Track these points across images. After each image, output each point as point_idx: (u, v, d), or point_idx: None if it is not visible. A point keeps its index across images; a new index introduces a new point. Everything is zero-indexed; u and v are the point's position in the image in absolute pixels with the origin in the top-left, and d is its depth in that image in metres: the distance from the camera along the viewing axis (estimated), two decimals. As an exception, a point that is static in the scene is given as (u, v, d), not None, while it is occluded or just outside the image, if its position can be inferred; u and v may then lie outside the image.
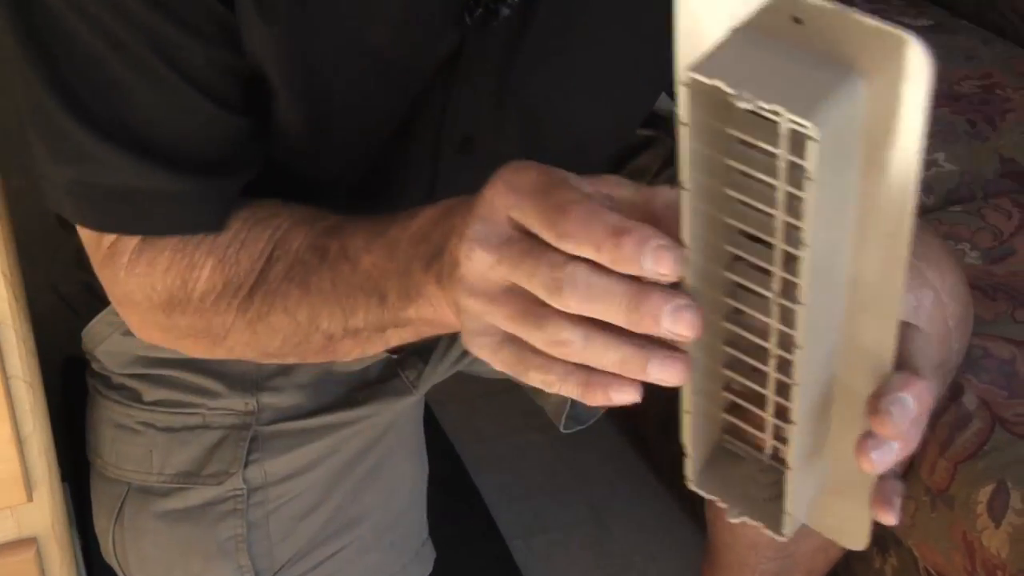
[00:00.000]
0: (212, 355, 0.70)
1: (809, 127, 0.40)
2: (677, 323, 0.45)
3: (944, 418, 0.93)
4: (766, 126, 0.41)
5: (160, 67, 0.62)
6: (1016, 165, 1.23)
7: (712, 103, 0.42)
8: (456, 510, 1.29)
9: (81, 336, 0.87)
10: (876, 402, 0.46)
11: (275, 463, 0.83)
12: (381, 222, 0.61)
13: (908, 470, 0.96)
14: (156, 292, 0.67)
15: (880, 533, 1.05)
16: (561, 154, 0.76)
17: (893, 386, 0.46)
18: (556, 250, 0.46)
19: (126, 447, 0.84)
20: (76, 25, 0.60)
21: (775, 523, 0.51)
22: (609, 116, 0.78)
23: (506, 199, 0.48)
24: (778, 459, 0.51)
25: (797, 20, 0.41)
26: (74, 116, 0.62)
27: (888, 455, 0.46)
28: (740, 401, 0.50)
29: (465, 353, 0.90)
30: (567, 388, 0.47)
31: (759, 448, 0.51)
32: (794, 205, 0.42)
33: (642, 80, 0.77)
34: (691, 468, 0.51)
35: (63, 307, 0.91)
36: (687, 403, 0.50)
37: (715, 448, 0.53)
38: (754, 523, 0.51)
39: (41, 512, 0.84)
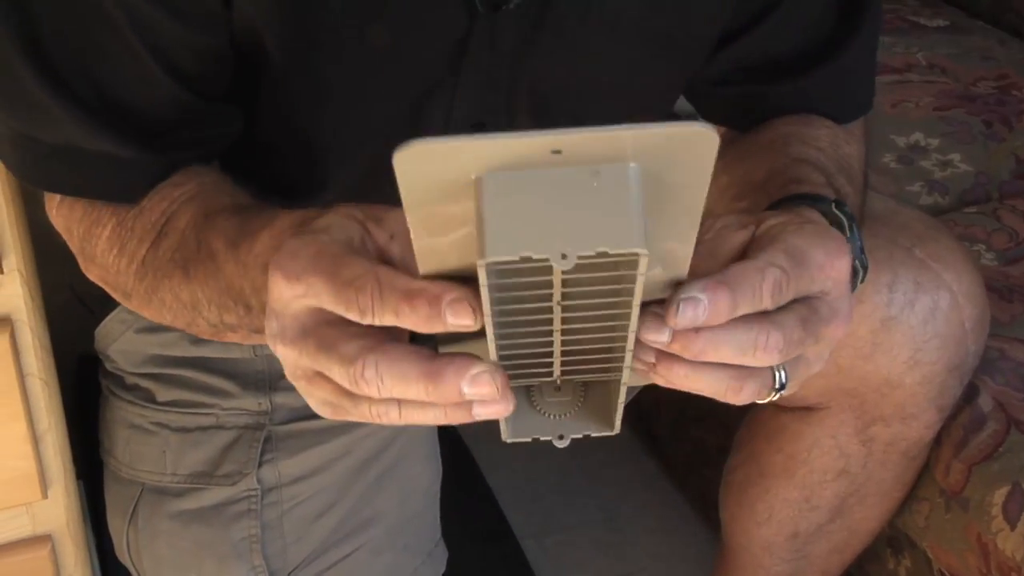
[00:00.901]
0: (129, 307, 0.71)
1: (641, 253, 0.39)
2: (479, 388, 0.45)
3: (959, 420, 0.93)
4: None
5: (131, 38, 0.62)
6: (1032, 166, 1.23)
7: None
8: (469, 510, 1.29)
9: (94, 334, 0.87)
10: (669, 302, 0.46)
11: (289, 463, 0.83)
12: (240, 229, 0.60)
13: (923, 471, 0.95)
14: (73, 236, 0.69)
15: (894, 535, 1.05)
16: None
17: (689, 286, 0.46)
18: (349, 339, 0.47)
19: (140, 447, 0.84)
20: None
21: (605, 425, 0.51)
22: (625, 114, 0.77)
23: (293, 290, 0.48)
24: (568, 372, 0.51)
25: (556, 151, 0.40)
26: (35, 69, 0.62)
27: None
28: (530, 351, 0.50)
29: None
30: (427, 419, 0.48)
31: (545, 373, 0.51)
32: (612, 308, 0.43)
33: (660, 82, 0.77)
34: (506, 427, 0.52)
35: (77, 305, 0.91)
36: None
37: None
38: (583, 435, 0.52)
39: (56, 509, 0.84)
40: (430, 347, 0.47)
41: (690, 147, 0.40)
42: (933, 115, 1.28)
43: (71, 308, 0.96)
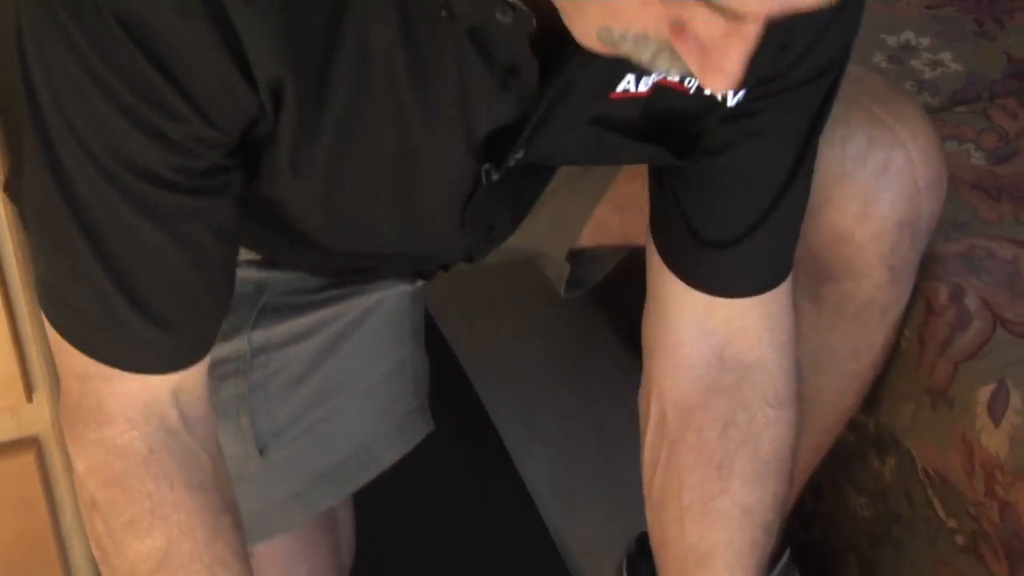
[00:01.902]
0: (91, 536, 0.72)
1: None
2: None
3: (944, 318, 0.93)
4: None
5: (155, 227, 0.62)
6: (1024, 66, 1.21)
7: None
8: (458, 422, 1.30)
9: None
10: None
11: (280, 328, 0.85)
12: None
13: (907, 369, 0.96)
14: (83, 460, 0.70)
15: (878, 434, 1.05)
16: None
17: None
18: None
19: None
20: (93, 177, 0.60)
21: None
22: None
23: None
24: None
25: None
26: (80, 234, 0.62)
27: None
28: None
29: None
30: None
31: None
32: None
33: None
34: None
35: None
36: None
37: None
38: None
39: (41, 413, 0.84)
40: None
41: None
42: (925, 13, 1.26)
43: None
